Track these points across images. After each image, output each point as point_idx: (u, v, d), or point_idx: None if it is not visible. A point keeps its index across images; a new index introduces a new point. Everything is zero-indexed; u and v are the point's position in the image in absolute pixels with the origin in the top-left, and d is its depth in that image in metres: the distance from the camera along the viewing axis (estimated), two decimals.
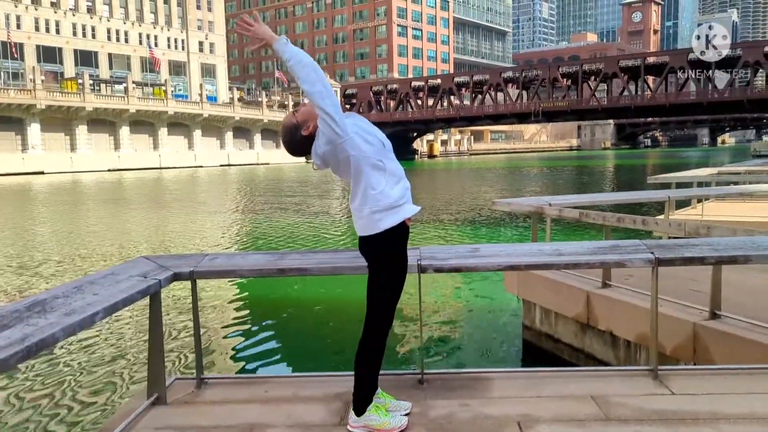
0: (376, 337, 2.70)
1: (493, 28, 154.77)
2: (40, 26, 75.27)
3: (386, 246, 2.63)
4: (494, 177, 48.24)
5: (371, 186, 2.57)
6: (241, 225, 19.91)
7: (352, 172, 2.59)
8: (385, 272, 2.65)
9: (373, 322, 2.68)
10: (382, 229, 2.59)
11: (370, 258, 2.68)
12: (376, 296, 2.68)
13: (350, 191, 2.67)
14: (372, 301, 2.69)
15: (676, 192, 10.31)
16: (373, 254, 2.67)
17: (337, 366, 5.90)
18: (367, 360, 2.71)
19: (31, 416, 5.26)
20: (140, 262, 3.30)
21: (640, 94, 74.85)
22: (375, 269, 2.68)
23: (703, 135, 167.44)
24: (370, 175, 2.57)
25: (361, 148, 2.55)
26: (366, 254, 2.70)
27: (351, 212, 2.70)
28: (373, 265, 2.68)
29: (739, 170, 16.49)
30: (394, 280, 2.67)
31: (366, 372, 2.73)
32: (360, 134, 2.57)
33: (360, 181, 2.58)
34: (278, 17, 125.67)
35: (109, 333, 7.63)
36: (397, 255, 2.67)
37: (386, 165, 2.61)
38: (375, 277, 2.67)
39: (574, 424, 2.75)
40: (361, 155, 2.55)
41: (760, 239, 3.70)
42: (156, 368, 3.05)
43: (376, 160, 2.58)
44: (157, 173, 59.03)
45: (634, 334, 5.03)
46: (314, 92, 2.50)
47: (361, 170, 2.57)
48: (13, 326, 2.16)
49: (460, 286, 9.85)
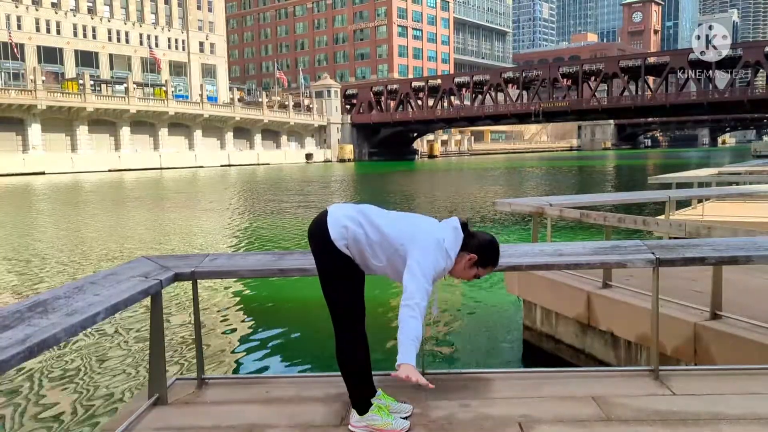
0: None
1: (493, 28, 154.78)
2: (40, 27, 75.35)
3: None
4: (494, 177, 48.23)
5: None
6: (242, 225, 19.92)
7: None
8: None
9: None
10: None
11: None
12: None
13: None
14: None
15: (676, 192, 10.30)
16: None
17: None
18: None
19: (32, 416, 5.26)
20: (141, 262, 3.30)
21: (640, 95, 74.86)
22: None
23: (704, 135, 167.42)
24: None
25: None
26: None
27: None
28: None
29: (740, 170, 16.49)
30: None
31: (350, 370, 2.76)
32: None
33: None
34: (279, 17, 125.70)
35: (110, 333, 7.63)
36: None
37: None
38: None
39: (575, 424, 2.75)
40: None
41: (761, 239, 3.70)
42: (157, 368, 3.05)
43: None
44: (157, 173, 59.06)
45: (634, 335, 5.03)
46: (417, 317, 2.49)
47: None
48: (15, 326, 2.16)
49: (460, 287, 9.85)
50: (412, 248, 2.57)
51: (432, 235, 2.60)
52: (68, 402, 5.55)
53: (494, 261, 2.78)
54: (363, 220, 2.64)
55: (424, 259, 2.53)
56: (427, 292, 2.51)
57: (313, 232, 2.75)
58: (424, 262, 2.53)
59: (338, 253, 2.63)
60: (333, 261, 2.66)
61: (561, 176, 48.39)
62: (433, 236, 2.60)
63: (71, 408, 5.42)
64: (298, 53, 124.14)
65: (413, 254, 2.55)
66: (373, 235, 2.61)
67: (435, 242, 2.58)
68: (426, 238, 2.59)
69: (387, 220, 2.67)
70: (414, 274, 2.51)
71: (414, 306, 2.46)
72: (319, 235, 2.68)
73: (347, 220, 2.64)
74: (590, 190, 30.75)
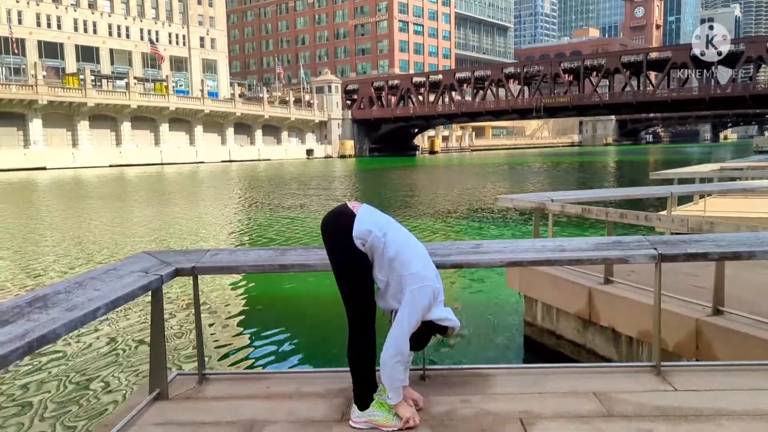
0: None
1: (494, 23, 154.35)
2: (41, 22, 75.23)
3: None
4: (496, 173, 48.19)
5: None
6: (243, 220, 19.92)
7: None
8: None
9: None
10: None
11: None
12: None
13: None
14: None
15: (678, 188, 10.28)
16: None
17: (340, 362, 5.89)
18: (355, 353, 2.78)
19: (32, 412, 5.26)
20: (142, 257, 3.29)
21: (642, 90, 74.63)
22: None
23: (705, 131, 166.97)
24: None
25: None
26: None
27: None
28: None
29: (742, 166, 16.47)
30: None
31: (359, 366, 2.78)
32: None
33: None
34: (279, 12, 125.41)
35: (110, 329, 7.63)
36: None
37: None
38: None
39: (577, 420, 2.74)
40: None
41: (763, 235, 3.68)
42: (158, 364, 3.05)
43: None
44: (158, 169, 59.07)
45: (636, 331, 5.02)
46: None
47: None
48: (14, 321, 2.15)
49: (461, 282, 9.85)
50: (412, 283, 2.64)
51: (428, 278, 2.69)
52: (69, 397, 5.56)
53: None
54: (388, 233, 2.68)
55: (417, 301, 2.63)
56: (408, 334, 2.65)
57: (330, 224, 2.75)
58: (414, 309, 2.63)
59: (354, 247, 2.65)
60: (349, 254, 2.67)
61: (562, 172, 48.33)
62: (429, 278, 2.70)
63: (72, 403, 5.42)
64: (299, 48, 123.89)
65: (408, 295, 2.63)
66: (388, 251, 2.66)
67: (429, 286, 2.68)
68: (424, 279, 2.67)
69: (404, 244, 2.72)
70: (400, 321, 2.64)
71: (395, 354, 2.63)
72: (340, 227, 2.68)
73: (374, 226, 2.67)
74: (592, 185, 30.72)
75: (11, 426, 4.98)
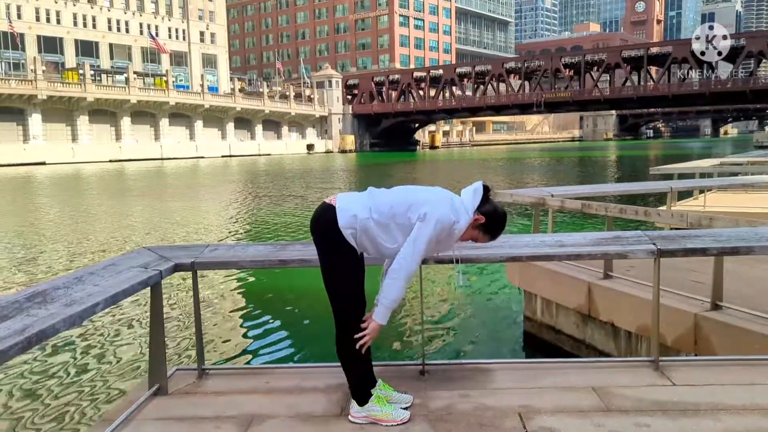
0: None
1: (495, 18, 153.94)
2: (41, 16, 75.03)
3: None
4: (496, 168, 48.16)
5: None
6: (243, 216, 19.91)
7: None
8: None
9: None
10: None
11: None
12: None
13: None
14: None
15: (678, 183, 10.27)
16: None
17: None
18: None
19: (32, 406, 5.27)
20: (141, 252, 3.30)
21: (642, 85, 74.55)
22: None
23: (706, 126, 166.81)
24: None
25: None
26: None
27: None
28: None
29: (742, 161, 16.44)
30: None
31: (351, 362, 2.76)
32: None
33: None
34: (279, 7, 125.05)
35: (109, 324, 7.64)
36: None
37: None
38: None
39: (575, 414, 2.75)
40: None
41: (762, 230, 3.68)
42: (157, 359, 3.06)
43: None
44: (158, 164, 59.02)
45: (635, 325, 5.03)
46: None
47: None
48: (13, 317, 2.15)
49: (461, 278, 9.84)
50: (422, 206, 2.60)
51: (444, 193, 2.70)
52: (68, 392, 5.57)
53: (496, 232, 2.82)
54: (371, 204, 2.63)
55: (431, 217, 2.57)
56: (422, 254, 2.60)
57: (317, 220, 2.72)
58: (427, 227, 2.57)
59: (342, 240, 2.62)
60: (335, 248, 2.64)
61: (563, 167, 48.30)
62: (445, 194, 2.69)
63: (71, 398, 5.43)
64: (299, 43, 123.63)
65: (422, 212, 2.59)
66: (383, 217, 2.61)
67: (446, 197, 2.67)
68: (437, 195, 2.67)
69: (393, 195, 2.70)
70: (412, 238, 2.58)
71: (398, 269, 2.58)
72: (324, 221, 2.66)
73: (357, 208, 2.62)
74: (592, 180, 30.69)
75: (10, 421, 4.99)
